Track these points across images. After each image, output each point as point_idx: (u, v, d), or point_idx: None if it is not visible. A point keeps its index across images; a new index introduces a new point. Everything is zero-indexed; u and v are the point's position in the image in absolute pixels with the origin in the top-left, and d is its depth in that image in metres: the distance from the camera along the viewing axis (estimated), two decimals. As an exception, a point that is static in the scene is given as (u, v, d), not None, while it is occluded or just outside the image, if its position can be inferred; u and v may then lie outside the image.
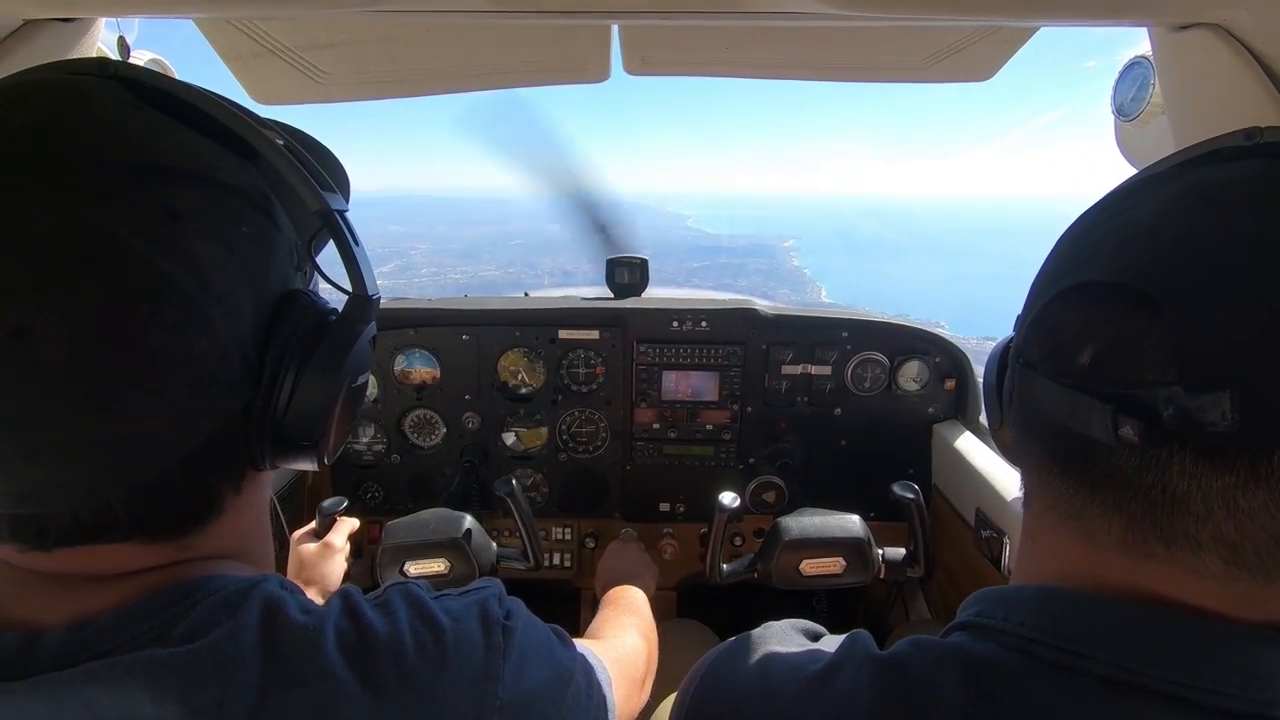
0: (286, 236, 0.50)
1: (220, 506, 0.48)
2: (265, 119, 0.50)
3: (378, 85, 1.17)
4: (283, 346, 0.46)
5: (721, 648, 0.60)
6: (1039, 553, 0.48)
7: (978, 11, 0.74)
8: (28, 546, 0.42)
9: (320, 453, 0.50)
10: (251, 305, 0.45)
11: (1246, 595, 0.39)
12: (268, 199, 0.48)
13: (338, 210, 0.50)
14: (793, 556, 1.27)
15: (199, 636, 0.41)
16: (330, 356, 0.48)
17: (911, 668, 0.45)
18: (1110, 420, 0.38)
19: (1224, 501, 0.37)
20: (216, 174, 0.44)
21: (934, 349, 1.71)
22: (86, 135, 0.40)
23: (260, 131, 0.47)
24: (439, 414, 1.75)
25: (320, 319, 0.49)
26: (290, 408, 0.47)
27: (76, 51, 0.83)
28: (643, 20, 0.88)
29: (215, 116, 0.46)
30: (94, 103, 0.42)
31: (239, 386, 0.45)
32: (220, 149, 0.46)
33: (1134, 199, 0.44)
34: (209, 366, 0.42)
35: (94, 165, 0.39)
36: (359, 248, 0.52)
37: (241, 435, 0.47)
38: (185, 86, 0.46)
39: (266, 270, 0.46)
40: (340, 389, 0.49)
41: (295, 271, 0.51)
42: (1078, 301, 0.43)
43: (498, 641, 0.51)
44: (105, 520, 0.42)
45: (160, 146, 0.42)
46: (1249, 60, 0.71)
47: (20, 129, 0.39)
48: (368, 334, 0.52)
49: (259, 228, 0.46)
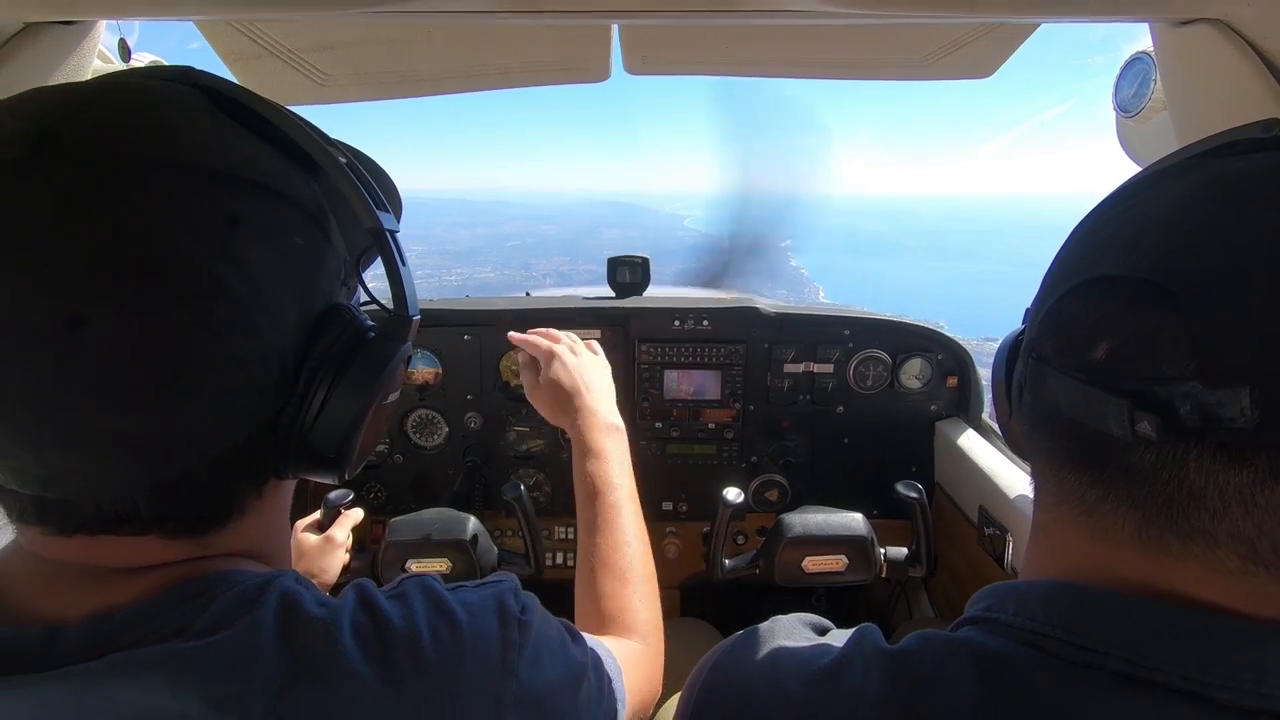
0: (337, 251, 0.50)
1: (241, 508, 0.48)
2: (331, 138, 0.51)
3: (378, 86, 1.17)
4: (320, 359, 0.47)
5: (729, 641, 0.60)
6: (1050, 547, 0.48)
7: (978, 8, 0.74)
8: (51, 530, 0.43)
9: (343, 468, 0.50)
10: (296, 316, 0.45)
11: (1261, 591, 0.39)
12: (324, 213, 0.49)
13: (389, 230, 0.51)
14: (795, 553, 1.27)
15: (218, 630, 0.42)
16: (364, 374, 0.48)
17: (922, 661, 0.45)
18: (1127, 416, 0.38)
19: (1241, 498, 0.36)
20: (278, 185, 0.45)
21: (936, 346, 1.71)
22: (157, 136, 0.41)
23: (325, 148, 0.48)
24: (441, 414, 1.75)
25: (359, 335, 0.49)
26: (319, 421, 0.47)
27: (77, 54, 0.83)
28: (642, 19, 0.88)
29: (284, 130, 0.47)
30: (169, 106, 0.44)
31: (273, 395, 0.45)
32: (285, 161, 0.47)
33: (1149, 192, 0.44)
34: (249, 372, 0.43)
35: (161, 166, 0.40)
36: (405, 268, 0.52)
37: (269, 442, 0.47)
38: (259, 99, 0.47)
39: (315, 283, 0.47)
40: (370, 406, 0.49)
41: (341, 286, 0.51)
42: (1093, 296, 0.42)
43: (514, 636, 0.51)
44: (126, 513, 0.43)
45: (227, 154, 0.43)
46: (1250, 55, 0.71)
47: (96, 125, 0.40)
48: (402, 354, 0.52)
49: (312, 241, 0.47)
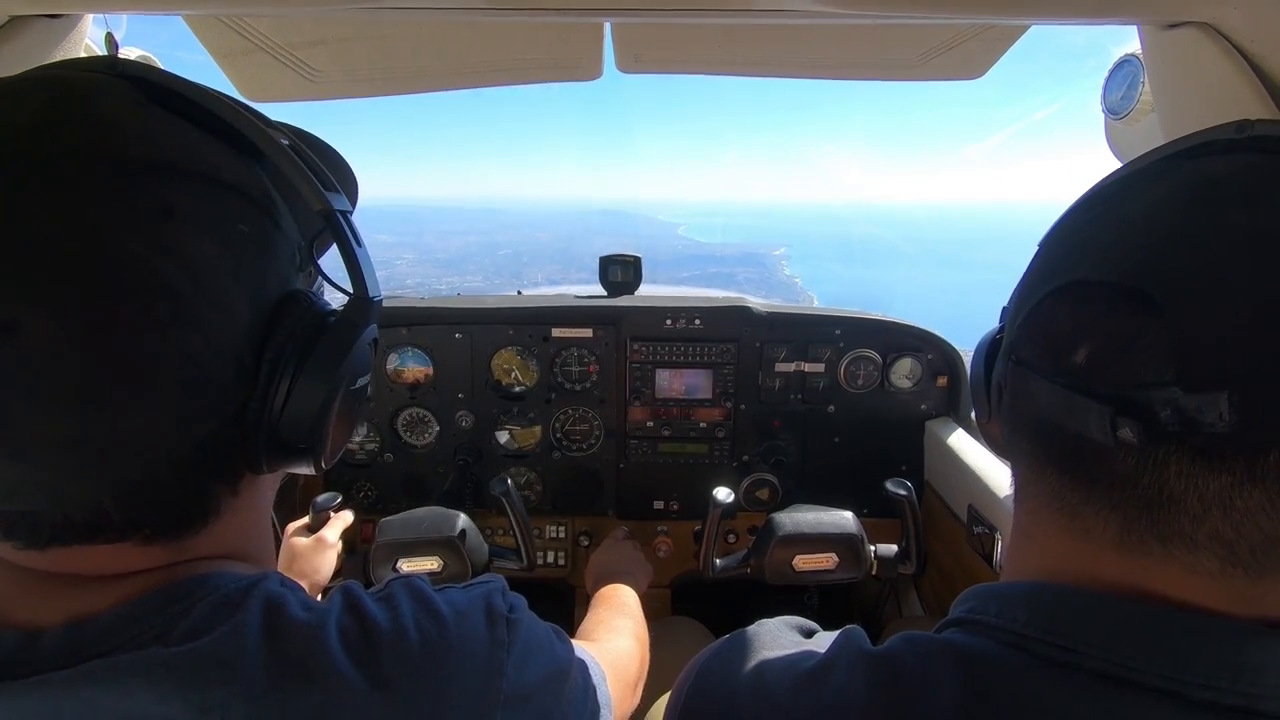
0: (289, 237, 0.49)
1: (217, 509, 0.47)
2: (273, 120, 0.49)
3: (368, 83, 1.16)
4: (279, 348, 0.45)
5: (715, 646, 0.60)
6: (1031, 549, 0.49)
7: (969, 10, 0.74)
8: (22, 544, 0.41)
9: (317, 457, 0.49)
10: (248, 306, 0.44)
11: (1239, 592, 0.39)
12: (270, 198, 0.48)
13: (340, 210, 0.50)
14: (786, 551, 1.27)
15: (200, 635, 0.41)
16: (327, 359, 0.47)
17: (905, 663, 0.46)
18: (1109, 421, 0.38)
19: (1220, 501, 0.37)
20: (216, 172, 0.44)
21: (926, 346, 1.72)
22: (81, 131, 0.40)
23: (265, 131, 0.47)
24: (432, 413, 1.75)
25: (319, 321, 0.48)
26: (285, 411, 0.46)
27: (64, 48, 0.82)
28: (635, 18, 0.88)
29: (221, 115, 0.45)
30: (93, 99, 0.42)
31: (233, 388, 0.44)
32: (224, 148, 0.45)
33: (1124, 194, 0.44)
34: (201, 367, 0.41)
35: (87, 161, 0.38)
36: (361, 249, 0.51)
37: (236, 438, 0.46)
38: (193, 85, 0.45)
39: (265, 270, 0.46)
40: (337, 392, 0.48)
41: (297, 272, 0.50)
42: (1071, 300, 0.43)
43: (502, 635, 0.51)
44: (97, 520, 0.41)
45: (159, 144, 0.42)
46: (1237, 58, 0.71)
47: (14, 126, 0.39)
48: (367, 336, 0.51)
49: (259, 227, 0.46)
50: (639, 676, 0.94)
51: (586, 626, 1.05)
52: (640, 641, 1.01)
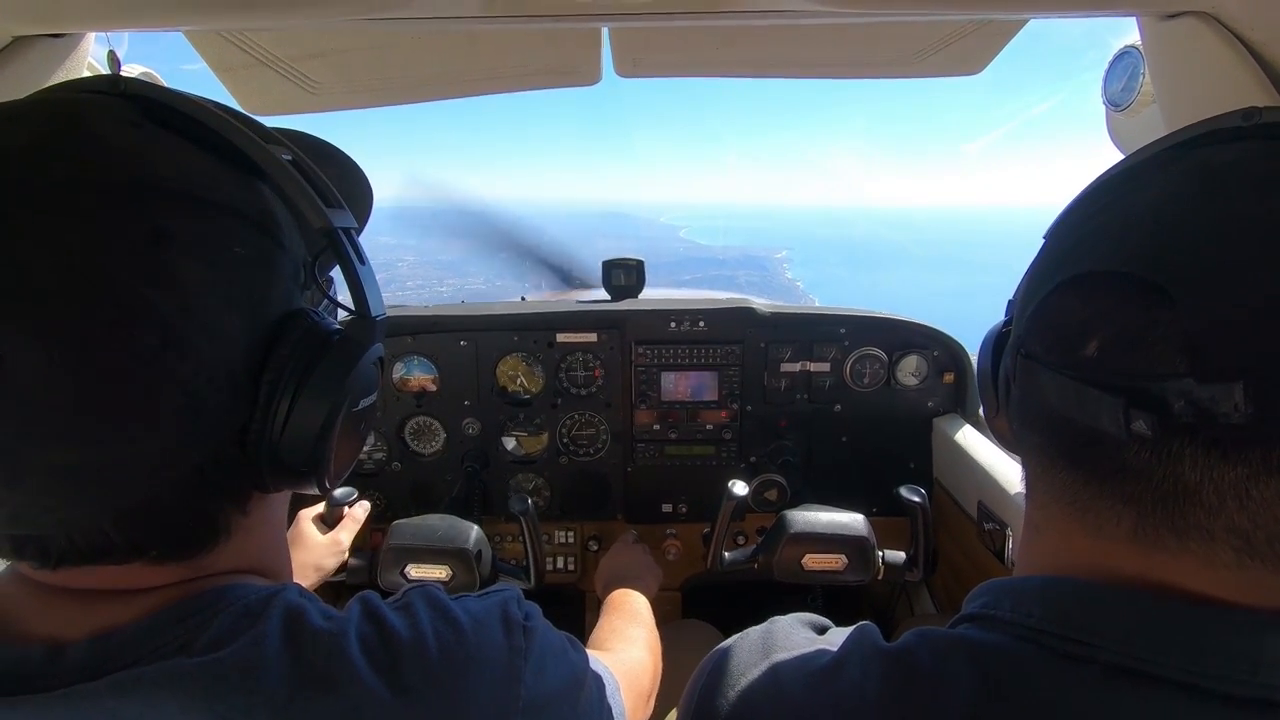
0: (292, 254, 0.48)
1: (227, 529, 0.47)
2: (276, 133, 0.49)
3: (369, 93, 1.17)
4: (279, 369, 0.44)
5: (729, 643, 0.60)
6: (1044, 543, 0.48)
7: (966, 5, 0.74)
8: (35, 565, 0.42)
9: (320, 478, 0.48)
10: (245, 327, 0.43)
11: (1256, 583, 0.39)
12: (271, 217, 0.47)
13: (343, 227, 0.49)
14: (797, 550, 1.27)
15: (223, 646, 0.41)
16: (328, 379, 0.46)
17: (919, 658, 0.45)
18: (1122, 413, 0.38)
19: (1236, 493, 0.36)
20: (212, 194, 0.43)
21: (932, 343, 1.71)
22: (74, 154, 0.39)
23: (265, 148, 0.46)
24: (439, 420, 1.75)
25: (321, 340, 0.47)
26: (285, 432, 0.45)
27: (67, 66, 0.82)
28: (631, 22, 0.88)
29: (221, 133, 0.44)
30: (90, 122, 0.41)
31: (231, 410, 0.43)
32: (223, 167, 0.45)
33: (1131, 184, 0.44)
34: (194, 393, 0.40)
35: (78, 185, 0.38)
36: (364, 267, 0.50)
37: (239, 459, 0.45)
38: (194, 102, 0.45)
39: (264, 291, 0.45)
40: (338, 413, 0.47)
41: (302, 290, 0.49)
42: (1081, 292, 0.42)
43: (519, 643, 0.51)
44: (100, 544, 0.41)
45: (153, 166, 0.41)
46: (1238, 47, 0.71)
47: (9, 151, 0.38)
48: (371, 355, 0.50)
49: (256, 247, 0.45)
50: (652, 688, 0.94)
51: (599, 635, 1.05)
52: (653, 652, 1.01)
